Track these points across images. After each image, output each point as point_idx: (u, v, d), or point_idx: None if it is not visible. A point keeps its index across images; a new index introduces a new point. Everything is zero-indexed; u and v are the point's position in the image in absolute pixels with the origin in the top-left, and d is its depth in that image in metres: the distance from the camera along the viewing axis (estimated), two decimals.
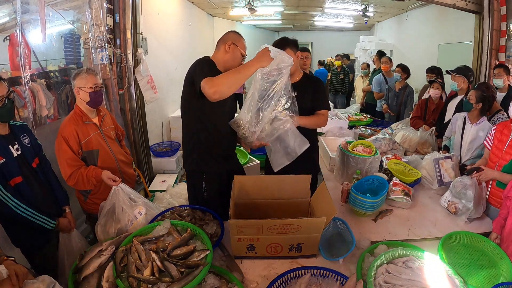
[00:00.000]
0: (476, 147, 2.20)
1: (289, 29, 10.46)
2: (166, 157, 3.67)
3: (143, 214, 1.60)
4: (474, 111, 2.20)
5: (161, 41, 4.17)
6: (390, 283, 1.18)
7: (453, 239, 1.52)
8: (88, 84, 1.74)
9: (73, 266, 1.32)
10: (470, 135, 2.23)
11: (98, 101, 1.81)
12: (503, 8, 3.33)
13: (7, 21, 1.95)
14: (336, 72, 6.11)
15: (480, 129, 2.18)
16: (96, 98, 1.78)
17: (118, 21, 2.95)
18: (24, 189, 1.47)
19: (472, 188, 1.73)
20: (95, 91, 1.77)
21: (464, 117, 2.31)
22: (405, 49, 6.56)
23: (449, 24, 4.75)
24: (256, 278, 1.35)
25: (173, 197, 2.91)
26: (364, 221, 1.77)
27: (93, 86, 1.76)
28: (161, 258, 1.24)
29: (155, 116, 4.03)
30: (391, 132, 3.15)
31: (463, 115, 2.32)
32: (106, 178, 1.67)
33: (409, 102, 4.02)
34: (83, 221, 2.22)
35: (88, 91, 1.75)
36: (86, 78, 1.75)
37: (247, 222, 1.31)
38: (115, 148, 1.94)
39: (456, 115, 2.45)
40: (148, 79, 3.28)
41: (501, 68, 2.74)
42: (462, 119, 2.32)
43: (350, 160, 2.13)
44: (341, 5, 6.02)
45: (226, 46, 1.72)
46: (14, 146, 1.47)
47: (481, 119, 2.20)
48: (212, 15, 6.93)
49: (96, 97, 1.78)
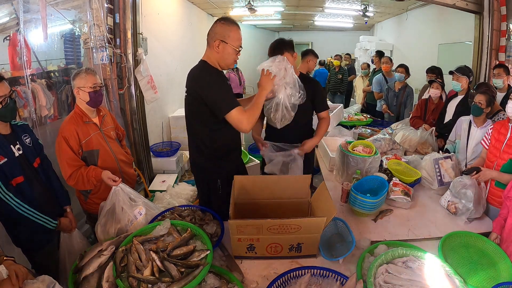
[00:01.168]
0: (481, 150, 2.18)
1: (289, 29, 10.46)
2: (166, 157, 3.67)
3: (143, 214, 1.61)
4: (483, 115, 2.16)
5: (161, 41, 4.17)
6: (390, 283, 1.18)
7: (453, 239, 1.52)
8: (88, 84, 1.74)
9: (73, 266, 1.32)
10: (476, 138, 2.19)
11: (98, 101, 1.81)
12: (503, 8, 3.33)
13: (7, 21, 1.95)
14: (334, 72, 6.11)
15: (486, 132, 2.16)
16: (96, 97, 1.78)
17: (118, 21, 2.95)
18: (26, 189, 1.47)
19: (472, 188, 1.73)
20: (95, 90, 1.76)
21: (469, 120, 2.27)
22: (405, 49, 6.56)
23: (449, 24, 4.75)
24: (256, 278, 1.35)
25: (173, 197, 2.91)
26: (364, 221, 1.77)
27: (93, 86, 1.75)
28: (161, 258, 1.24)
29: (155, 116, 4.03)
30: (391, 132, 3.15)
31: (468, 118, 2.29)
32: (106, 178, 1.67)
33: (409, 102, 4.01)
34: (84, 221, 2.23)
35: (87, 91, 1.74)
36: (86, 78, 1.74)
37: (247, 222, 1.31)
38: (116, 148, 1.94)
39: (461, 118, 2.41)
40: (148, 79, 3.28)
41: (501, 68, 2.74)
42: (467, 123, 2.29)
43: (350, 160, 2.13)
44: (341, 5, 6.03)
45: (215, 46, 1.61)
46: (15, 146, 1.47)
47: (487, 122, 2.17)
48: (212, 15, 6.92)
49: (96, 96, 1.78)
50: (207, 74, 1.63)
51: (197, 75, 1.66)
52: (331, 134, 3.13)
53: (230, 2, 6.00)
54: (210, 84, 1.60)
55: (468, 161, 2.27)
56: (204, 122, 1.70)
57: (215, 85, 1.60)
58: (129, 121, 3.21)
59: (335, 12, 6.82)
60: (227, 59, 1.65)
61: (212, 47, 1.64)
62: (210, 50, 1.66)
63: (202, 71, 1.66)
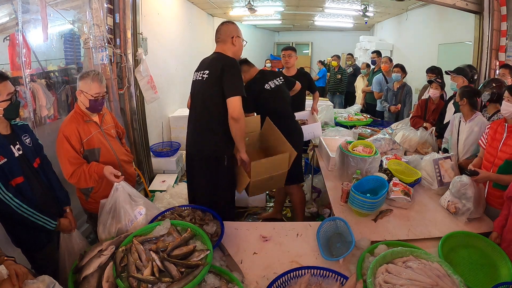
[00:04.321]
0: (472, 143, 2.22)
1: (289, 29, 10.47)
2: (166, 157, 3.67)
3: (143, 214, 1.60)
4: (464, 108, 2.25)
5: (161, 41, 4.17)
6: (390, 283, 1.18)
7: (453, 239, 1.52)
8: (90, 92, 1.73)
9: (73, 266, 1.32)
10: (465, 132, 2.25)
11: (97, 109, 1.81)
12: (503, 8, 3.33)
13: (7, 21, 1.95)
14: (333, 72, 6.11)
15: (474, 124, 2.20)
16: (95, 106, 1.78)
17: (118, 21, 2.95)
18: (26, 189, 1.46)
19: (471, 188, 1.73)
20: (96, 99, 1.75)
21: (459, 116, 2.35)
22: (405, 49, 6.56)
23: (449, 24, 4.75)
24: (256, 278, 1.35)
25: (173, 197, 2.91)
26: (364, 221, 1.77)
27: (94, 95, 1.74)
28: (161, 258, 1.24)
29: (155, 116, 4.03)
30: (391, 132, 3.15)
31: (459, 114, 2.36)
32: (108, 173, 1.66)
33: (408, 100, 4.03)
34: (84, 221, 2.23)
35: (88, 98, 1.74)
36: (90, 86, 1.73)
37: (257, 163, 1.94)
38: (116, 146, 1.94)
39: (454, 115, 2.46)
40: (148, 79, 3.28)
41: (507, 69, 2.72)
42: (458, 119, 2.36)
43: (350, 160, 2.13)
44: (341, 5, 6.03)
45: (233, 40, 1.95)
46: (15, 146, 1.47)
47: (474, 115, 2.23)
48: (212, 15, 6.93)
49: (95, 105, 1.77)
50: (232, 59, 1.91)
51: (224, 56, 1.91)
52: (331, 134, 3.12)
53: (230, 2, 6.00)
54: (235, 66, 1.88)
55: (460, 157, 2.30)
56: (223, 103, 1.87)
57: (237, 70, 1.89)
58: (129, 121, 3.21)
59: (335, 12, 6.82)
60: (239, 49, 2.01)
61: (228, 43, 1.96)
62: (226, 46, 1.96)
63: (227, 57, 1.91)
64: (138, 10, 3.11)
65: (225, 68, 1.82)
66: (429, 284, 1.17)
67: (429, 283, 1.17)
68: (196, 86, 1.98)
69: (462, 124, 2.30)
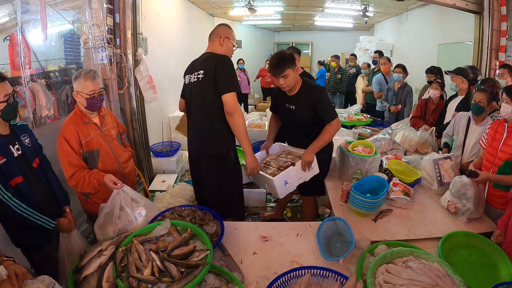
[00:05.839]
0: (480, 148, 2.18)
1: (289, 29, 10.48)
2: (166, 157, 3.67)
3: (143, 216, 1.60)
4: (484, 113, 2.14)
5: (161, 41, 4.17)
6: (390, 283, 1.18)
7: (453, 239, 1.52)
8: (85, 91, 1.71)
9: (73, 266, 1.32)
10: (475, 136, 2.18)
11: (96, 106, 1.78)
12: (503, 8, 3.33)
13: (7, 21, 1.95)
14: (333, 72, 6.11)
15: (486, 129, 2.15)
16: (93, 103, 1.75)
17: (118, 21, 2.95)
18: (25, 189, 1.46)
19: (471, 188, 1.73)
20: (92, 97, 1.73)
21: (468, 116, 2.26)
22: (405, 49, 6.56)
23: (449, 24, 4.75)
24: (256, 278, 1.35)
25: (173, 197, 2.91)
26: (364, 221, 1.77)
27: (89, 93, 1.72)
28: (161, 258, 1.24)
29: (155, 116, 4.03)
30: (391, 132, 3.15)
31: (467, 114, 2.27)
32: (109, 181, 1.66)
33: (408, 100, 4.02)
34: (84, 221, 2.23)
35: (85, 97, 1.72)
36: (83, 85, 1.71)
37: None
38: (116, 148, 1.93)
39: (460, 113, 2.38)
40: (148, 79, 3.28)
41: (506, 68, 2.72)
42: (466, 119, 2.27)
43: (350, 160, 2.13)
44: (341, 5, 6.03)
45: (221, 40, 1.95)
46: (14, 146, 1.47)
47: (486, 120, 2.15)
48: (212, 15, 6.93)
49: (93, 102, 1.75)
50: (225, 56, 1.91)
51: (215, 55, 1.91)
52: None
53: (230, 2, 6.00)
54: (228, 63, 1.89)
55: (466, 159, 2.25)
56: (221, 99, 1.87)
57: (230, 66, 1.89)
58: (129, 121, 3.21)
59: (335, 12, 6.83)
60: (227, 52, 1.99)
61: (216, 42, 1.96)
62: (214, 45, 1.97)
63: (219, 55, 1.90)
64: (138, 10, 3.11)
65: (218, 66, 1.83)
66: (429, 284, 1.17)
67: (429, 283, 1.17)
68: (192, 88, 1.96)
69: (472, 127, 2.20)
